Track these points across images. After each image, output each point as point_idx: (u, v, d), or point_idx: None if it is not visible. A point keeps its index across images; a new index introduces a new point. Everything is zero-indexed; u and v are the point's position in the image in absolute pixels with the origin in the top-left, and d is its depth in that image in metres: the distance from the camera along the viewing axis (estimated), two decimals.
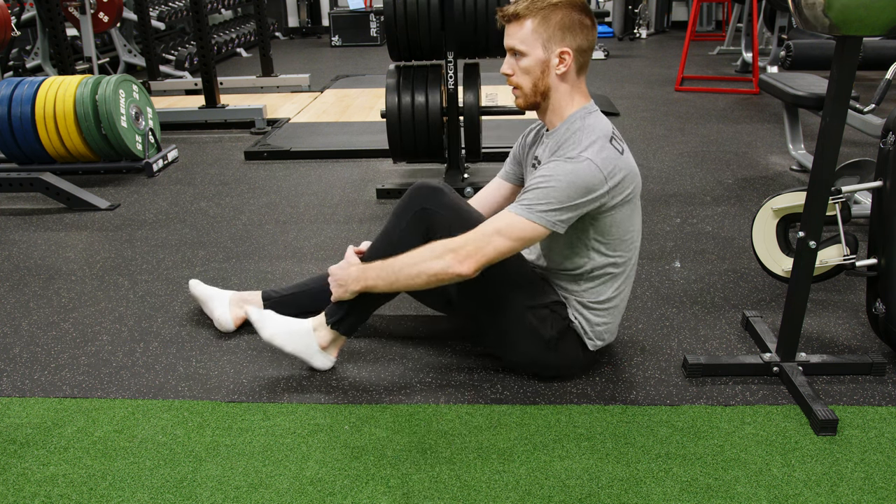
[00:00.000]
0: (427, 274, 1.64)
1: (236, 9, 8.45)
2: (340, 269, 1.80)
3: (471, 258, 1.61)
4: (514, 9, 1.65)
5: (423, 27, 2.95)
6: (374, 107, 5.06)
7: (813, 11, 1.49)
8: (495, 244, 1.61)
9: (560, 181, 1.58)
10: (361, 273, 1.74)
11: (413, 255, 1.67)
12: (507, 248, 1.62)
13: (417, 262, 1.65)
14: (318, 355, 1.88)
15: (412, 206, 1.77)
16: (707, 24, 8.74)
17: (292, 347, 1.87)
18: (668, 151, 3.90)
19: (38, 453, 1.64)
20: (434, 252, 1.64)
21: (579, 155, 1.60)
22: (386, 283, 1.72)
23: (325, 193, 3.41)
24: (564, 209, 1.59)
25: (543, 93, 1.69)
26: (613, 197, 1.63)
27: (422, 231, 1.75)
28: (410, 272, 1.66)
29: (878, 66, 2.83)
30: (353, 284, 1.76)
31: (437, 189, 1.78)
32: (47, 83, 3.55)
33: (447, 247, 1.63)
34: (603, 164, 1.60)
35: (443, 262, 1.62)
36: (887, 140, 1.84)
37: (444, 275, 1.63)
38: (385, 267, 1.70)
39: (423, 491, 1.50)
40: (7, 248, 2.85)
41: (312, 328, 1.87)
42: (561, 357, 1.81)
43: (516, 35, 1.65)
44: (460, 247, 1.62)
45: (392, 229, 1.80)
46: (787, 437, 1.64)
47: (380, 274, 1.72)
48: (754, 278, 2.43)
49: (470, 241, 1.62)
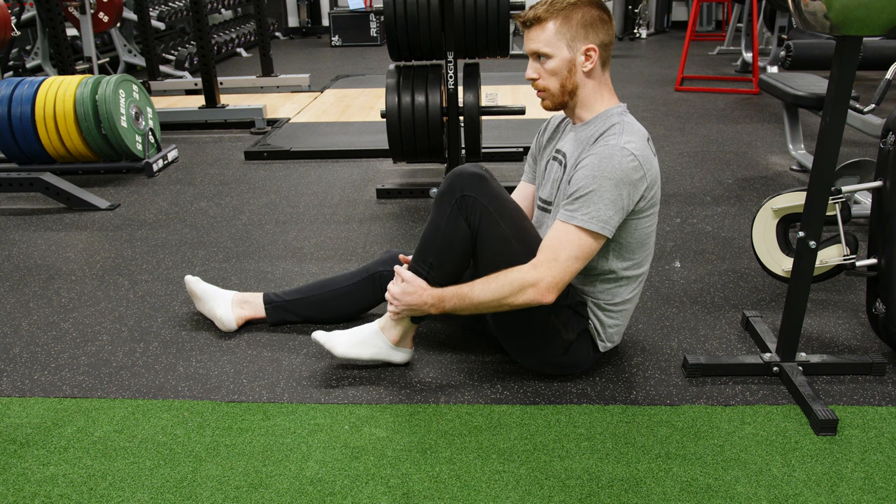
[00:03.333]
0: (510, 306, 1.65)
1: (236, 9, 8.46)
2: (409, 295, 1.75)
3: (552, 289, 1.62)
4: (534, 13, 1.64)
5: (423, 27, 2.95)
6: (374, 107, 5.06)
7: (813, 11, 1.49)
8: (571, 267, 1.63)
9: (609, 179, 1.59)
10: (438, 301, 1.72)
11: (493, 289, 1.65)
12: (580, 266, 1.64)
13: (499, 298, 1.64)
14: (395, 352, 1.90)
15: (453, 192, 1.74)
16: (707, 24, 8.75)
17: (369, 354, 1.88)
18: (668, 151, 3.91)
19: (38, 453, 1.64)
20: (514, 287, 1.63)
21: (622, 147, 1.60)
22: (465, 312, 1.72)
23: (325, 193, 3.41)
24: (617, 211, 1.61)
25: (571, 91, 1.69)
26: (645, 195, 1.64)
27: (464, 217, 1.73)
28: (492, 305, 1.66)
29: (878, 66, 2.83)
30: (430, 310, 1.75)
31: (478, 175, 1.75)
32: (47, 83, 3.55)
33: (526, 281, 1.62)
34: (644, 161, 1.61)
35: (526, 297, 1.62)
36: (887, 140, 1.84)
37: (528, 306, 1.64)
38: (464, 298, 1.68)
39: (423, 491, 1.50)
40: (7, 248, 2.85)
41: (380, 329, 1.88)
42: (573, 357, 1.81)
43: (539, 38, 1.65)
44: (539, 280, 1.61)
45: (438, 219, 1.77)
46: (787, 437, 1.64)
47: (458, 305, 1.70)
48: (754, 278, 2.43)
49: (547, 272, 1.62)
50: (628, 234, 1.70)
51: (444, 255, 1.75)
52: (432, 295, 1.72)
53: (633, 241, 1.71)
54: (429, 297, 1.72)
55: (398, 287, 1.77)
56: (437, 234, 1.76)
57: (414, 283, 1.75)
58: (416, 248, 1.81)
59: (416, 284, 1.75)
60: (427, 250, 1.77)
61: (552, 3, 1.63)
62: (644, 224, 1.70)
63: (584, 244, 1.61)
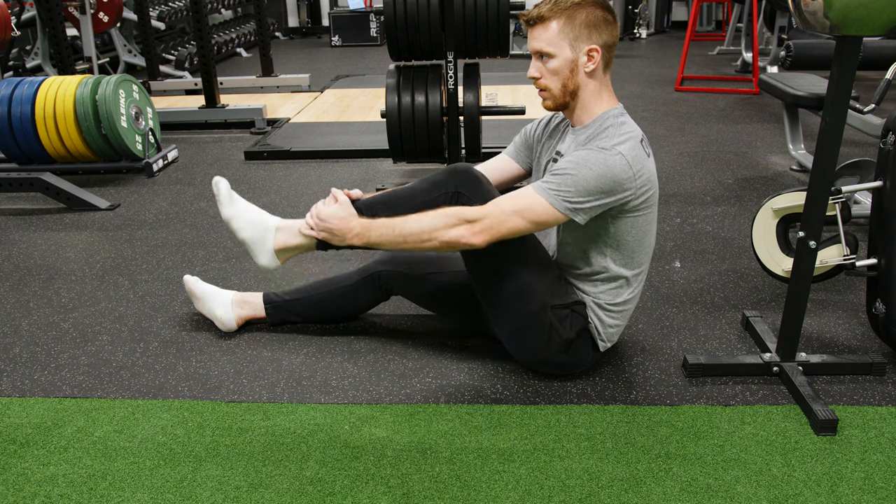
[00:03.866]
0: (439, 241, 1.63)
1: (236, 9, 8.45)
2: (338, 218, 1.73)
3: (485, 232, 1.61)
4: (538, 12, 1.64)
5: (423, 27, 2.95)
6: (374, 107, 5.06)
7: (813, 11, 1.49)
8: (512, 223, 1.62)
9: (590, 169, 1.58)
10: (364, 230, 1.69)
11: (425, 221, 1.64)
12: (523, 228, 1.63)
13: (430, 229, 1.63)
14: (266, 254, 1.86)
15: (447, 185, 1.74)
16: (707, 24, 8.74)
17: (245, 235, 1.86)
18: (668, 151, 3.91)
19: (38, 453, 1.64)
20: (448, 220, 1.62)
21: (612, 147, 1.60)
22: (390, 244, 1.70)
23: (325, 193, 3.37)
24: (589, 199, 1.60)
25: (573, 92, 1.68)
26: (637, 196, 1.64)
27: None
28: (421, 237, 1.64)
29: (878, 66, 2.83)
30: (353, 239, 1.72)
31: (476, 177, 1.76)
32: (47, 83, 3.55)
33: (463, 216, 1.62)
34: (633, 161, 1.60)
35: (457, 232, 1.61)
36: (887, 140, 1.84)
37: (456, 244, 1.63)
38: (393, 227, 1.66)
39: (423, 491, 1.50)
40: (7, 248, 2.85)
41: (275, 227, 1.86)
42: (573, 357, 1.81)
43: (543, 37, 1.64)
44: (477, 219, 1.61)
45: (417, 194, 1.76)
46: (787, 437, 1.64)
47: (385, 234, 1.68)
48: (754, 278, 2.43)
49: (488, 215, 1.62)
50: (625, 232, 1.69)
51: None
52: (360, 223, 1.70)
53: (631, 240, 1.71)
54: (357, 224, 1.70)
55: (329, 208, 1.74)
56: (412, 202, 1.74)
57: (346, 209, 1.73)
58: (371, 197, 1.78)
59: (349, 210, 1.73)
60: (385, 206, 1.75)
61: (556, 3, 1.62)
62: (641, 222, 1.70)
63: (537, 210, 1.60)
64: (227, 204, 1.88)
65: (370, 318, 2.21)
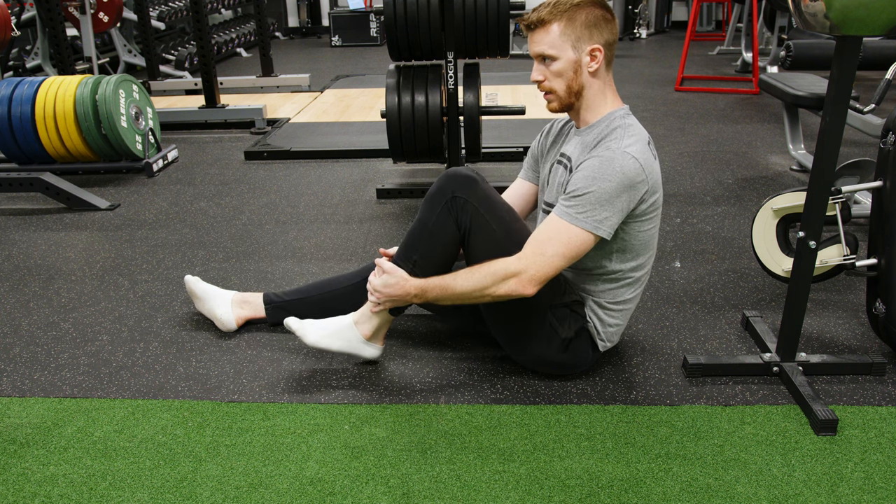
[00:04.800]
0: (492, 296, 1.65)
1: (236, 9, 8.45)
2: (391, 286, 1.74)
3: (534, 281, 1.62)
4: (538, 15, 1.64)
5: (423, 27, 2.95)
6: (374, 107, 5.06)
7: (813, 12, 1.49)
8: (554, 261, 1.62)
9: (608, 181, 1.58)
10: (421, 292, 1.71)
11: (475, 280, 1.65)
12: (565, 262, 1.64)
13: (481, 288, 1.64)
14: (365, 347, 1.89)
15: (444, 193, 1.75)
16: (707, 24, 8.74)
17: (338, 346, 1.88)
18: (668, 151, 3.91)
19: (38, 453, 1.64)
20: (496, 277, 1.63)
21: (623, 150, 1.60)
22: (447, 302, 1.72)
23: (325, 193, 3.41)
24: (614, 213, 1.61)
25: (577, 92, 1.69)
26: (647, 199, 1.64)
27: (454, 218, 1.74)
28: (474, 294, 1.66)
29: (878, 66, 2.83)
30: (413, 300, 1.75)
31: (469, 178, 1.76)
32: (47, 83, 3.55)
33: (508, 271, 1.62)
34: (644, 163, 1.61)
35: (507, 288, 1.62)
36: (887, 140, 1.84)
37: (510, 297, 1.64)
38: (446, 288, 1.68)
39: (423, 491, 1.50)
40: (7, 248, 2.85)
41: (353, 322, 1.88)
42: (573, 357, 1.81)
43: (544, 41, 1.64)
44: (521, 271, 1.62)
45: (426, 218, 1.78)
46: (787, 437, 1.64)
47: (440, 295, 1.70)
48: (754, 278, 2.43)
49: (530, 264, 1.62)
50: (631, 236, 1.70)
51: (429, 252, 1.76)
52: (415, 285, 1.72)
53: (637, 244, 1.72)
54: (411, 287, 1.72)
55: (380, 279, 1.76)
56: (425, 231, 1.77)
57: (396, 274, 1.75)
58: (400, 244, 1.82)
59: (398, 275, 1.74)
60: (412, 247, 1.78)
61: (555, 5, 1.62)
62: (647, 227, 1.70)
63: (574, 242, 1.61)
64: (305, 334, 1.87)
65: None
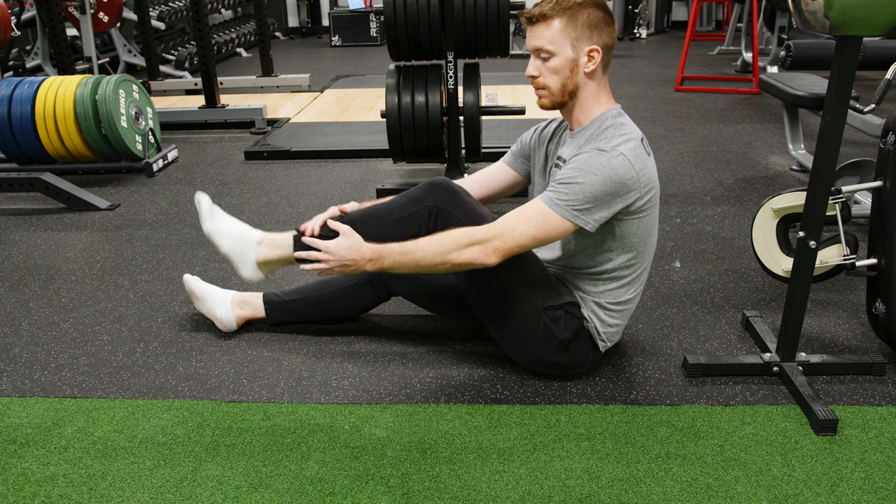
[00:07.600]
0: (452, 263, 1.63)
1: (236, 9, 8.45)
2: (346, 248, 1.69)
3: (498, 251, 1.61)
4: (540, 9, 1.64)
5: (423, 27, 2.95)
6: (374, 107, 5.06)
7: (813, 11, 1.49)
8: (524, 239, 1.62)
9: (595, 175, 1.58)
10: (376, 257, 1.67)
11: (436, 244, 1.64)
12: (533, 242, 1.63)
13: (442, 252, 1.63)
14: (249, 268, 1.87)
15: (426, 200, 1.74)
16: (707, 24, 8.74)
17: (227, 249, 1.87)
18: (668, 151, 3.91)
19: (38, 453, 1.64)
20: (459, 242, 1.62)
21: (613, 149, 1.60)
22: (404, 269, 1.69)
23: (325, 193, 3.41)
24: (598, 207, 1.60)
25: (571, 92, 1.68)
26: (641, 197, 1.64)
27: (428, 227, 1.73)
28: (434, 260, 1.64)
29: (878, 66, 2.83)
30: (366, 266, 1.69)
31: (453, 191, 1.76)
32: (47, 83, 3.55)
33: (473, 238, 1.62)
34: (635, 161, 1.60)
35: (469, 254, 1.61)
36: (887, 140, 1.84)
37: (470, 265, 1.63)
38: (405, 253, 1.65)
39: (423, 491, 1.50)
40: (7, 248, 2.85)
41: (258, 241, 1.86)
42: (572, 358, 1.81)
43: (544, 36, 1.64)
44: (487, 239, 1.61)
45: (396, 209, 1.76)
46: (787, 437, 1.64)
47: (398, 260, 1.66)
48: (754, 278, 2.43)
49: (498, 234, 1.61)
50: (630, 233, 1.70)
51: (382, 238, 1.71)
52: (371, 249, 1.68)
53: (636, 241, 1.71)
54: (367, 251, 1.68)
55: (335, 241, 1.71)
56: (391, 217, 1.75)
57: (352, 237, 1.70)
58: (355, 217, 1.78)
59: (355, 238, 1.70)
60: (371, 224, 1.75)
61: (559, 1, 1.62)
62: (644, 223, 1.70)
63: (548, 226, 1.61)
64: (209, 219, 1.89)
65: (370, 318, 2.21)
